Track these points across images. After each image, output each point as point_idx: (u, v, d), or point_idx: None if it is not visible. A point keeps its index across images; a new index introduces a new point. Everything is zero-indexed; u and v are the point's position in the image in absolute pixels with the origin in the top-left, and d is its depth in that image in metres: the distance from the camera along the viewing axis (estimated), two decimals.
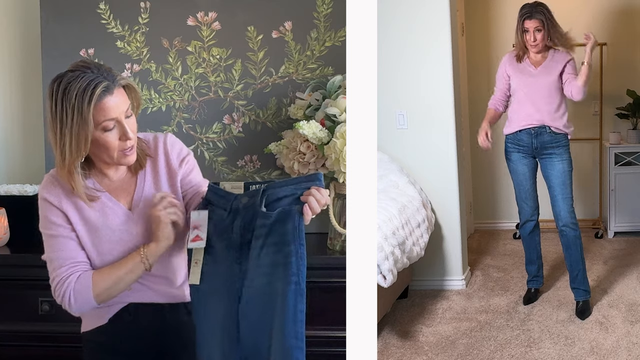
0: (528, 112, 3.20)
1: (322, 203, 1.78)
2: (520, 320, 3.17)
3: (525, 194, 3.30)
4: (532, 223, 3.34)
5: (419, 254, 3.14)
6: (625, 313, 3.21)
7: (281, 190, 1.80)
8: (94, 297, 1.89)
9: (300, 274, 1.74)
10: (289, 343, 1.71)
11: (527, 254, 3.44)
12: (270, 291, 1.76)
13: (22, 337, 2.60)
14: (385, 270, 2.70)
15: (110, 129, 1.84)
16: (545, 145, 3.20)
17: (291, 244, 1.75)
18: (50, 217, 1.92)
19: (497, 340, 2.97)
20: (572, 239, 3.22)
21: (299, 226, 1.75)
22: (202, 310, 1.88)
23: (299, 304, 1.73)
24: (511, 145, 3.27)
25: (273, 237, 1.77)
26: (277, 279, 1.75)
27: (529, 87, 3.20)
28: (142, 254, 1.90)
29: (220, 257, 1.86)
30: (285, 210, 1.77)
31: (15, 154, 3.06)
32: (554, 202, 3.22)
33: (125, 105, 1.85)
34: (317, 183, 1.80)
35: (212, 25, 2.84)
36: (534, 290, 3.43)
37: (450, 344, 2.95)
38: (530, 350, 2.86)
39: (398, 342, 2.98)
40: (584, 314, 3.19)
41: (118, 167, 1.99)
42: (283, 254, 1.76)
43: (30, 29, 2.95)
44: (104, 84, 1.79)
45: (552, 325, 3.10)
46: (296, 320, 1.72)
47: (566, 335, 2.99)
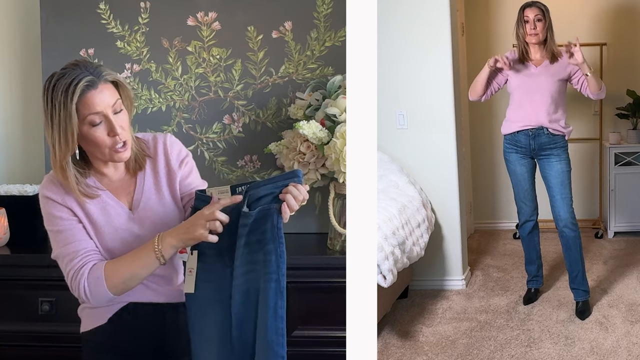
0: (526, 114, 3.19)
1: (299, 200, 1.81)
2: (520, 320, 3.17)
3: (524, 194, 3.29)
4: (531, 223, 3.34)
5: (419, 254, 3.14)
6: (625, 313, 3.21)
7: (261, 189, 1.82)
8: (108, 289, 1.87)
9: (280, 271, 1.78)
10: (270, 338, 1.77)
11: (526, 254, 3.44)
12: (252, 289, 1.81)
13: (22, 337, 2.60)
14: (385, 270, 2.70)
15: (97, 123, 1.84)
16: (543, 147, 3.19)
17: (270, 242, 1.79)
18: (55, 213, 1.92)
19: (497, 340, 2.97)
20: (571, 239, 3.21)
21: (277, 224, 1.79)
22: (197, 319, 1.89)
23: (279, 300, 1.78)
24: (509, 146, 3.26)
25: (253, 235, 1.81)
26: (258, 276, 1.79)
27: (528, 87, 3.18)
28: (157, 247, 1.86)
29: (211, 264, 1.88)
30: (264, 209, 1.80)
31: (15, 154, 3.06)
32: (553, 202, 3.22)
33: (111, 100, 1.85)
34: (295, 180, 1.82)
35: (212, 25, 2.84)
36: (534, 290, 3.43)
37: (450, 344, 2.95)
38: (530, 350, 2.86)
39: (398, 342, 2.98)
40: (584, 314, 3.19)
41: (117, 167, 1.99)
42: (263, 252, 1.80)
43: (30, 29, 2.95)
44: (87, 79, 1.81)
45: (552, 325, 3.10)
46: (276, 317, 1.78)
47: (566, 335, 2.99)
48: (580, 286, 3.26)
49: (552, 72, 3.18)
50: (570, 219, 3.20)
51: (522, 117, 3.20)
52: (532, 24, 3.14)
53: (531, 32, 3.14)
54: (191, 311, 1.90)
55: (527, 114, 3.19)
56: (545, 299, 3.40)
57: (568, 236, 3.21)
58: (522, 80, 3.20)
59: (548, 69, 3.18)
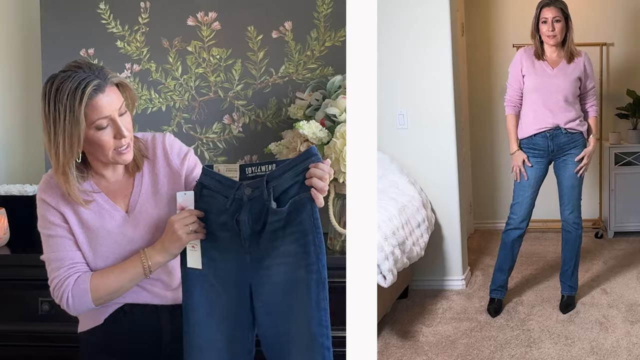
0: (543, 116, 3.12)
1: (326, 179, 1.75)
2: (520, 320, 3.17)
3: (525, 199, 3.18)
4: (518, 232, 3.22)
5: (419, 254, 3.14)
6: (625, 313, 3.21)
7: (283, 179, 1.78)
8: (92, 301, 1.89)
9: (319, 262, 1.74)
10: (314, 330, 1.73)
11: (500, 261, 3.27)
12: (291, 279, 1.77)
13: (22, 337, 2.60)
14: (385, 270, 2.70)
15: (104, 127, 1.83)
16: (562, 147, 3.14)
17: (309, 233, 1.75)
18: (48, 217, 1.92)
19: (497, 340, 2.97)
20: (573, 237, 3.23)
21: (314, 215, 1.75)
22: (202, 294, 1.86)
23: (321, 292, 1.74)
24: (527, 150, 3.16)
25: (290, 228, 1.77)
26: (297, 267, 1.76)
27: (544, 89, 3.11)
28: (145, 263, 1.88)
29: (226, 246, 1.84)
30: (296, 201, 1.76)
31: (15, 154, 3.06)
32: (561, 202, 3.21)
33: (118, 103, 1.85)
34: (313, 159, 1.77)
35: (212, 25, 2.84)
36: (497, 301, 3.28)
37: (450, 344, 2.95)
38: (530, 350, 2.86)
39: (398, 342, 2.98)
40: (567, 308, 3.23)
41: (115, 168, 1.98)
42: (300, 243, 1.76)
43: (30, 29, 2.95)
44: (94, 83, 1.79)
45: (552, 325, 3.10)
46: (319, 309, 1.74)
47: (566, 335, 2.99)
48: (568, 281, 3.28)
49: (569, 72, 3.12)
50: (575, 218, 3.21)
51: (540, 120, 3.12)
52: (550, 25, 3.06)
53: (549, 33, 3.06)
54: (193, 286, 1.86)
55: (544, 117, 3.11)
56: (545, 299, 3.40)
57: (571, 233, 3.23)
58: (538, 82, 3.12)
59: (565, 69, 3.12)
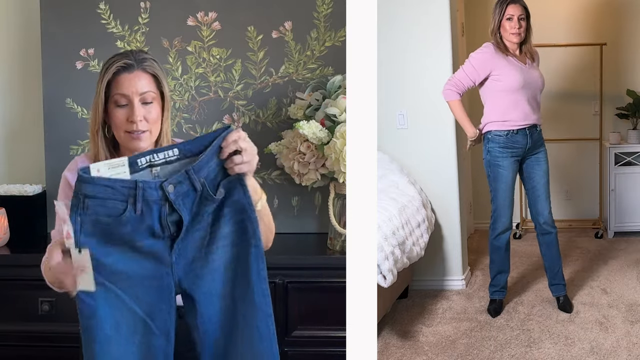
0: (525, 112, 3.06)
1: (242, 147, 1.73)
2: (520, 320, 3.17)
3: (508, 201, 3.16)
4: (508, 233, 3.23)
5: (419, 254, 3.14)
6: (625, 313, 3.21)
7: (207, 167, 1.74)
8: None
9: (256, 235, 1.76)
10: (259, 300, 1.76)
11: (499, 265, 3.27)
12: (232, 258, 1.78)
13: (22, 337, 2.60)
14: (385, 270, 2.70)
15: (121, 105, 1.89)
16: (536, 144, 3.12)
17: (245, 210, 1.76)
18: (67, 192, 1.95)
19: (497, 340, 2.97)
20: (553, 237, 3.20)
21: (245, 192, 1.76)
22: (106, 309, 1.77)
23: (261, 263, 1.76)
24: (504, 149, 3.07)
25: (226, 209, 1.77)
26: (236, 245, 1.77)
27: (525, 84, 3.04)
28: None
29: (138, 253, 1.73)
30: (226, 185, 1.76)
31: (15, 154, 3.06)
32: (536, 201, 3.16)
33: (142, 88, 1.89)
34: (221, 138, 1.73)
35: (212, 25, 2.84)
36: (498, 301, 3.29)
37: (450, 344, 2.95)
38: (530, 350, 2.86)
39: (398, 342, 2.98)
40: (568, 306, 3.23)
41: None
42: (236, 220, 1.77)
43: (30, 29, 2.95)
44: (123, 61, 1.88)
45: (552, 325, 3.10)
46: (260, 279, 1.76)
47: (566, 335, 2.99)
48: (561, 281, 3.27)
49: (537, 69, 3.13)
50: (550, 217, 3.18)
51: (523, 116, 3.06)
52: (517, 22, 3.03)
53: (515, 31, 3.03)
54: (94, 306, 1.76)
55: (527, 113, 3.06)
56: (545, 299, 3.40)
57: (551, 234, 3.20)
58: (518, 78, 3.03)
59: (533, 67, 3.11)
